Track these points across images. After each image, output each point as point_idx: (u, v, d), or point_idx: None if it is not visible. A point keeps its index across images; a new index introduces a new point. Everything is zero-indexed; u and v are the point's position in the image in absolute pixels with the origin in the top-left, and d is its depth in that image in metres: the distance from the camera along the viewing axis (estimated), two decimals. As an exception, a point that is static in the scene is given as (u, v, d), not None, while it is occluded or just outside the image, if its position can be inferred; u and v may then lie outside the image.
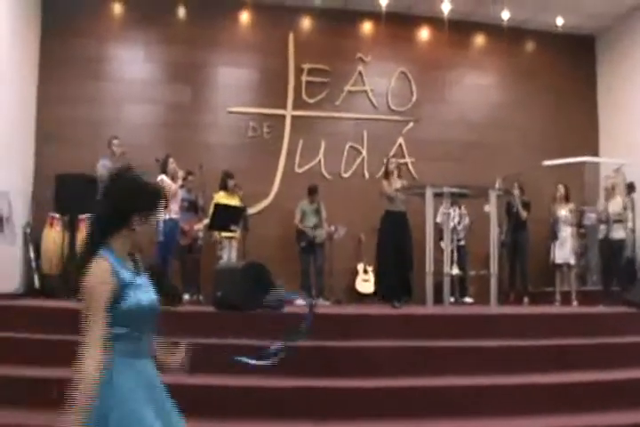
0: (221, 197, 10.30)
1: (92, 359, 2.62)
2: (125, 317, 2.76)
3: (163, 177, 9.42)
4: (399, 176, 9.70)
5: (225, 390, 5.33)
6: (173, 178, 9.52)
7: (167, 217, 9.30)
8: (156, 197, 2.91)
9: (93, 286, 2.69)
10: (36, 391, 5.23)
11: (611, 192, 10.90)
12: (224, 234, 10.04)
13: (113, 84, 12.01)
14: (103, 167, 8.90)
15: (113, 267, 2.76)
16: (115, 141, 9.09)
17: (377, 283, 9.82)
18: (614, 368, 6.23)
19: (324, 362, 5.83)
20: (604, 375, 6.05)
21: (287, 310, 7.44)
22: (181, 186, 10.31)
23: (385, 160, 10.54)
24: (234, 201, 10.31)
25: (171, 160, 9.57)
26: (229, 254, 10.21)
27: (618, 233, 10.69)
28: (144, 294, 2.85)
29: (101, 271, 2.72)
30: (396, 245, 9.11)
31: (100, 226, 2.84)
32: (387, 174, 9.79)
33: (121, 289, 2.76)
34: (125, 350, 2.77)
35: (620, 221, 10.70)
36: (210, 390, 5.30)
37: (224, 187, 10.53)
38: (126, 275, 2.81)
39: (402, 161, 9.93)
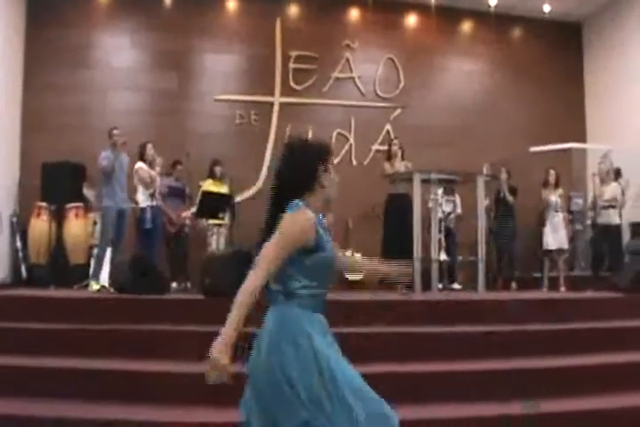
0: (209, 185, 10.26)
1: (247, 288, 2.82)
2: (313, 269, 2.93)
3: (140, 165, 9.40)
4: (402, 158, 9.66)
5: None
6: (151, 164, 9.49)
7: (149, 204, 9.30)
8: (327, 149, 3.13)
9: (294, 225, 2.86)
10: (23, 381, 5.22)
11: (605, 177, 10.92)
12: (212, 221, 10.01)
13: (99, 72, 11.95)
14: (106, 159, 8.86)
15: (314, 220, 2.93)
16: (115, 132, 9.04)
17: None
18: (603, 352, 6.25)
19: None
20: (594, 359, 6.06)
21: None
22: (168, 174, 10.32)
23: (388, 141, 10.49)
24: (222, 189, 10.27)
25: (149, 146, 9.54)
26: (218, 242, 10.18)
27: (613, 219, 10.72)
28: (331, 252, 2.99)
29: (307, 220, 2.90)
30: (401, 228, 9.03)
31: (292, 189, 3.00)
32: (389, 156, 9.75)
33: (317, 241, 2.92)
34: (306, 303, 2.93)
35: (614, 206, 10.73)
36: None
37: (212, 174, 10.49)
38: (321, 230, 2.97)
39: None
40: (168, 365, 5.49)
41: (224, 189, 10.27)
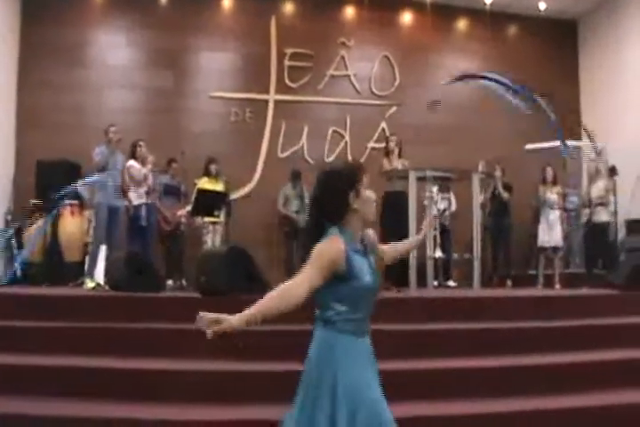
0: (205, 183, 10.27)
1: (276, 293, 2.85)
2: (346, 296, 3.01)
3: (132, 163, 9.39)
4: (399, 155, 9.54)
5: (229, 374, 5.32)
6: (143, 162, 9.48)
7: (143, 202, 9.30)
8: (356, 172, 3.14)
9: (321, 253, 2.94)
10: (18, 379, 5.21)
11: (594, 176, 10.96)
12: (207, 219, 10.02)
13: (94, 70, 11.94)
14: (100, 155, 8.86)
15: (346, 248, 2.99)
16: (112, 128, 9.05)
17: (386, 270, 9.61)
18: (598, 349, 6.25)
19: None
20: (589, 356, 6.07)
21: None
22: (163, 171, 10.32)
23: (385, 138, 10.42)
24: (218, 186, 10.28)
25: (140, 144, 9.52)
26: (213, 240, 10.19)
27: (601, 216, 10.75)
28: (367, 275, 3.05)
29: (334, 250, 2.97)
30: (396, 227, 8.98)
31: (326, 216, 3.09)
32: (387, 153, 9.61)
33: (347, 270, 2.98)
34: (345, 328, 3.02)
35: (603, 204, 10.76)
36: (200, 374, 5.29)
37: (207, 172, 10.49)
38: (355, 257, 3.03)
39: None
40: (165, 363, 5.48)
41: (219, 187, 10.27)
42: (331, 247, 2.97)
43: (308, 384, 3.03)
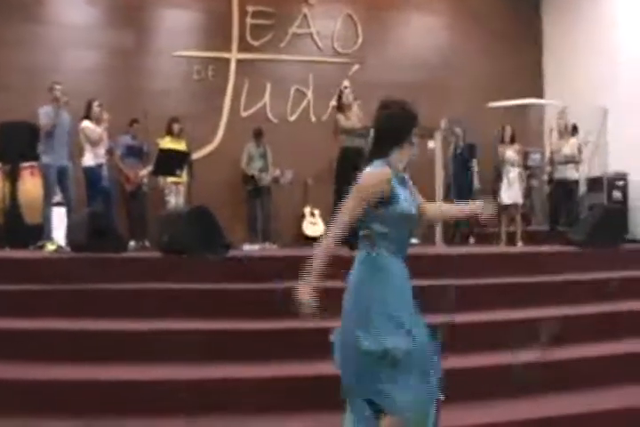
0: (167, 143, 10.19)
1: (327, 242, 3.29)
2: (388, 219, 3.34)
3: (87, 124, 9.25)
4: (349, 108, 9.15)
5: (189, 333, 5.32)
6: (98, 121, 9.34)
7: (96, 163, 9.20)
8: (416, 116, 3.52)
9: (366, 185, 3.35)
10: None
11: (564, 133, 11.01)
12: (170, 179, 9.95)
13: (52, 28, 11.63)
14: (46, 116, 8.72)
15: (390, 176, 3.34)
16: (57, 86, 8.88)
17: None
18: (559, 305, 6.35)
19: (270, 303, 5.83)
20: (549, 312, 6.15)
21: (232, 253, 7.47)
22: (126, 132, 10.21)
23: (338, 91, 9.85)
24: (180, 146, 10.19)
25: (95, 104, 9.35)
26: (176, 200, 10.15)
27: (572, 174, 10.85)
28: (406, 204, 3.38)
29: (381, 176, 3.34)
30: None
31: (386, 143, 3.44)
32: (340, 108, 9.24)
33: (390, 197, 3.32)
34: (386, 247, 3.35)
35: (573, 162, 10.84)
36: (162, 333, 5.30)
37: (170, 132, 10.40)
38: (398, 186, 3.39)
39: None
40: (129, 323, 5.47)
41: (182, 147, 10.18)
42: (379, 177, 3.34)
43: (352, 301, 3.40)
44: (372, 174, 3.36)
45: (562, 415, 4.67)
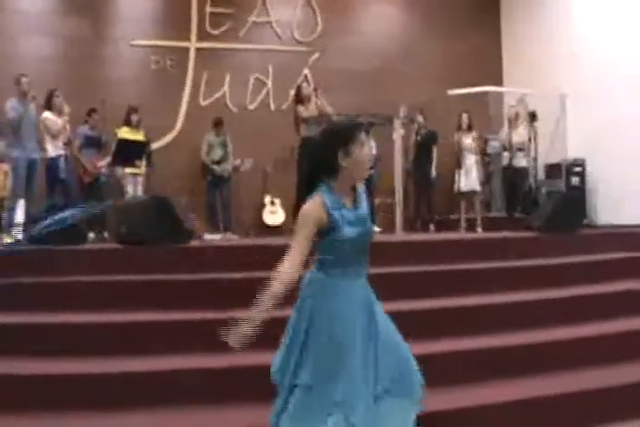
0: (125, 133, 10.08)
1: (284, 269, 3.23)
2: (331, 246, 3.35)
3: (47, 115, 9.15)
4: (316, 98, 9.50)
5: (138, 325, 5.28)
6: (59, 113, 9.25)
7: (56, 154, 9.10)
8: (351, 131, 3.39)
9: (303, 215, 3.31)
10: None
11: (514, 121, 11.11)
12: (128, 170, 9.87)
13: (7, 15, 11.46)
14: (13, 110, 8.61)
15: (326, 204, 3.30)
16: (24, 79, 8.77)
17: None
18: (517, 290, 6.39)
19: (231, 293, 5.81)
20: (509, 297, 6.20)
21: (193, 243, 7.44)
22: (85, 121, 10.10)
23: (296, 87, 10.23)
24: (138, 136, 10.11)
25: (56, 94, 9.27)
26: (135, 190, 10.07)
27: (521, 161, 10.95)
28: (352, 228, 3.36)
29: (315, 206, 3.30)
30: None
31: (316, 174, 3.39)
32: (300, 100, 9.54)
33: (328, 225, 3.31)
34: (333, 273, 3.38)
35: (523, 149, 10.93)
36: (122, 326, 5.25)
37: (128, 122, 10.31)
38: (336, 212, 3.32)
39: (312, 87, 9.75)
40: (88, 316, 5.41)
41: (140, 137, 10.10)
42: (312, 208, 3.30)
43: (295, 319, 3.45)
44: (306, 209, 3.32)
45: (539, 397, 4.74)
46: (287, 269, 3.23)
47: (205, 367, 4.77)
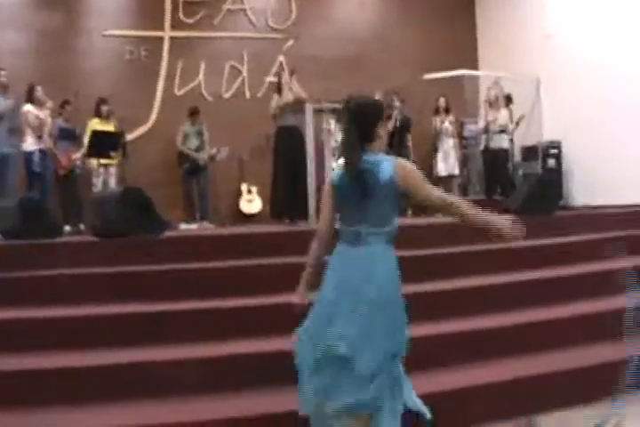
0: (96, 124, 10.06)
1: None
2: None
3: (28, 108, 9.11)
4: (290, 89, 9.48)
5: (125, 317, 5.27)
6: (41, 106, 9.20)
7: (38, 147, 9.05)
8: (383, 108, 3.73)
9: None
10: None
11: (494, 103, 11.13)
12: (95, 161, 9.79)
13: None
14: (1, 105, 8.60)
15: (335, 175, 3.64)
16: (2, 73, 8.72)
17: (272, 201, 9.68)
18: (494, 273, 6.44)
19: (208, 283, 5.83)
20: (486, 280, 6.25)
21: (168, 234, 7.44)
22: (58, 114, 10.04)
23: (277, 74, 10.34)
24: (108, 128, 10.06)
25: (37, 88, 9.22)
26: (107, 182, 10.03)
27: (502, 143, 10.98)
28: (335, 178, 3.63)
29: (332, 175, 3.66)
30: (291, 161, 9.04)
31: (359, 138, 3.51)
32: (279, 89, 9.56)
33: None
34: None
35: (504, 131, 10.97)
36: (98, 319, 5.24)
37: (98, 113, 10.26)
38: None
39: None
40: (66, 309, 5.40)
41: (110, 128, 10.06)
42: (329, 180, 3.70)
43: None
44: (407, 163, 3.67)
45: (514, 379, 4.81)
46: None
47: (189, 357, 4.78)
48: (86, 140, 9.57)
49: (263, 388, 4.48)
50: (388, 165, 3.46)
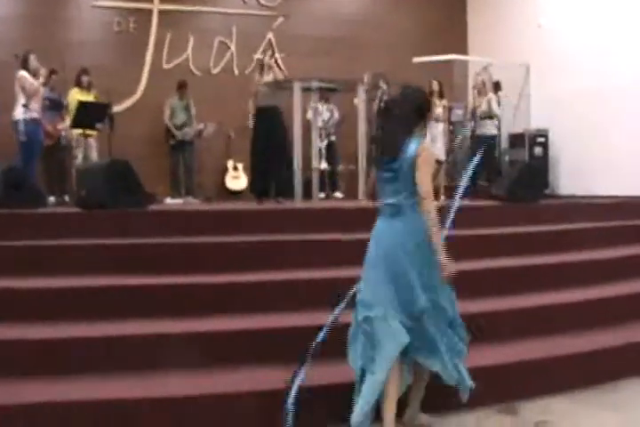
0: (76, 94, 9.97)
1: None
2: None
3: (24, 73, 8.95)
4: (270, 69, 9.49)
5: (108, 290, 5.22)
6: (35, 75, 9.05)
7: (29, 116, 8.91)
8: (426, 96, 4.39)
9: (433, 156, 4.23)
10: None
11: (482, 89, 11.10)
12: (78, 132, 9.69)
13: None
14: None
15: None
16: None
17: (251, 180, 9.69)
18: (479, 258, 6.43)
19: (191, 258, 5.80)
20: (471, 265, 6.23)
21: (152, 207, 7.38)
22: (44, 84, 9.89)
23: (261, 56, 10.35)
24: (88, 98, 9.94)
25: (32, 57, 9.04)
26: (88, 154, 9.94)
27: (490, 129, 10.97)
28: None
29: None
30: (269, 141, 9.03)
31: (409, 125, 4.08)
32: (261, 69, 9.58)
33: None
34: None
35: (492, 117, 10.96)
36: (81, 291, 5.19)
37: (79, 83, 10.16)
38: None
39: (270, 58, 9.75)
40: (49, 280, 5.34)
41: (90, 99, 9.95)
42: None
43: None
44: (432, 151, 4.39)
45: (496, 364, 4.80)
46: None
47: (164, 332, 4.75)
48: (72, 110, 9.46)
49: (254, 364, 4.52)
50: (414, 145, 3.97)
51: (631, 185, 10.17)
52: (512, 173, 9.47)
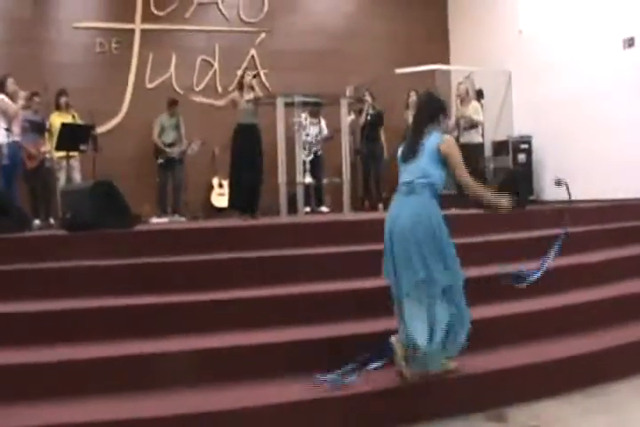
0: (56, 117, 10.07)
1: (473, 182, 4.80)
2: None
3: (2, 96, 8.96)
4: (251, 88, 9.52)
5: (98, 311, 5.21)
6: (13, 98, 9.05)
7: (10, 140, 8.91)
8: (444, 102, 4.95)
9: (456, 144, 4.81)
10: None
11: (465, 97, 11.16)
12: (60, 154, 9.71)
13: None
14: None
15: None
16: None
17: (229, 196, 9.71)
18: (469, 265, 6.43)
19: (185, 277, 5.80)
20: (466, 272, 6.24)
21: (139, 227, 7.39)
22: (26, 106, 9.90)
23: (241, 73, 10.36)
24: (67, 119, 9.98)
25: (10, 80, 9.06)
26: (71, 175, 9.96)
27: (475, 137, 11.01)
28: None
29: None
30: (246, 158, 9.08)
31: (428, 122, 4.74)
32: (240, 87, 9.58)
33: None
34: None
35: (476, 126, 11.00)
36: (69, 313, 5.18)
37: (57, 106, 10.21)
38: None
39: (253, 73, 9.77)
40: (37, 304, 5.32)
41: (68, 120, 9.96)
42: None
43: None
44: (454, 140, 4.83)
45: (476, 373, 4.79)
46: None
47: (156, 352, 4.75)
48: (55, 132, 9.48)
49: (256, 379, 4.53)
50: (435, 138, 4.62)
51: (614, 189, 10.20)
52: (496, 181, 9.51)
